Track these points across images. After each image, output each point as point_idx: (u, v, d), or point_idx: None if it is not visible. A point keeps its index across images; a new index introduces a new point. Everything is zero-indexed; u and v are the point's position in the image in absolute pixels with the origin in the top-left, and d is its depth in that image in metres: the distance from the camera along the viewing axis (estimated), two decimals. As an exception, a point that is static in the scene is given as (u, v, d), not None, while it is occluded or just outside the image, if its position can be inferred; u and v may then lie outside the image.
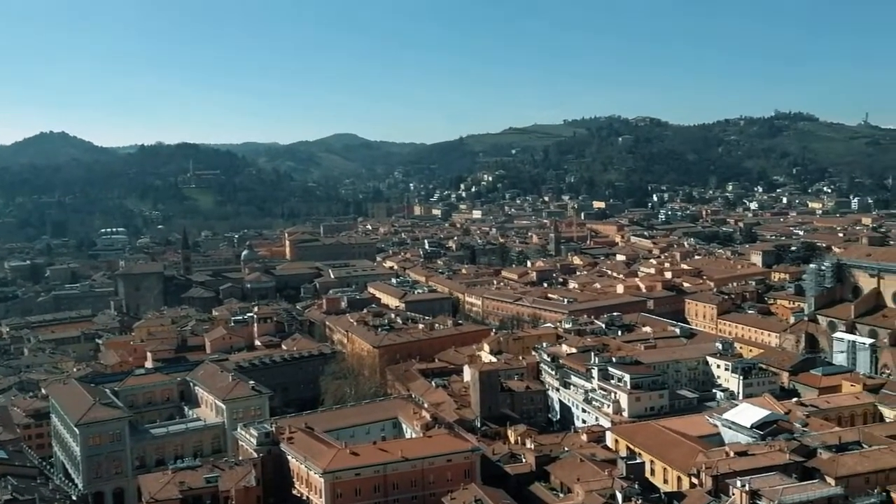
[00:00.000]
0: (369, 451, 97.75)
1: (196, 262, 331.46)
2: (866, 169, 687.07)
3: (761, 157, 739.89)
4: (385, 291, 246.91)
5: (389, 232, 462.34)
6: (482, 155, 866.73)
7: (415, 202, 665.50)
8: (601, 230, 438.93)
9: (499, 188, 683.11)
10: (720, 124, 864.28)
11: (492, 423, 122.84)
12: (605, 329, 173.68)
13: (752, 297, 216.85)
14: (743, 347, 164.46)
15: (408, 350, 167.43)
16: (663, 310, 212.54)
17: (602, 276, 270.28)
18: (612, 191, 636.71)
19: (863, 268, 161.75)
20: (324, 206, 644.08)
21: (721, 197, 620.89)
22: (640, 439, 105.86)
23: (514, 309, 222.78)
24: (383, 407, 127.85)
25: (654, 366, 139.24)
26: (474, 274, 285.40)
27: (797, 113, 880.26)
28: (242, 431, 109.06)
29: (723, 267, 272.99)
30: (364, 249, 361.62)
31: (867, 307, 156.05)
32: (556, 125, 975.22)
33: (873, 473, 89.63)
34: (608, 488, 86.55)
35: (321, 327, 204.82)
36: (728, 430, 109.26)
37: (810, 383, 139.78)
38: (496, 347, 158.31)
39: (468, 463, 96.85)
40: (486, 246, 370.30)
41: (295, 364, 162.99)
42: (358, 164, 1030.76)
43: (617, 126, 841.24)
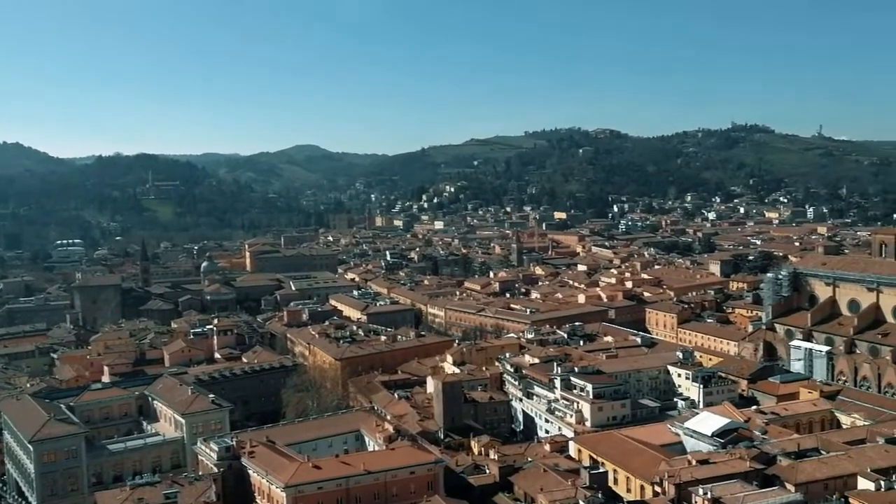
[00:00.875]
0: (332, 464, 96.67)
1: (155, 274, 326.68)
2: (821, 179, 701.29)
3: (719, 169, 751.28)
4: (347, 303, 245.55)
5: (351, 243, 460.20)
6: (444, 166, 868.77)
7: (376, 213, 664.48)
8: (562, 241, 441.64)
9: (461, 199, 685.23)
10: (679, 136, 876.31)
11: (455, 435, 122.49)
12: (567, 339, 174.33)
13: (711, 306, 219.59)
14: (703, 356, 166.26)
15: (370, 362, 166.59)
16: (624, 319, 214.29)
17: (564, 286, 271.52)
18: (573, 202, 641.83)
19: (818, 276, 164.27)
20: (285, 218, 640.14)
21: (680, 207, 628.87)
22: (602, 449, 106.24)
23: (476, 320, 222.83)
24: (346, 420, 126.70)
25: (616, 375, 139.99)
26: (437, 285, 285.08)
27: (753, 125, 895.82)
28: (202, 446, 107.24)
29: (682, 276, 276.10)
30: (325, 261, 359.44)
31: (823, 315, 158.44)
32: (517, 137, 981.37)
33: (831, 479, 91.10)
34: (571, 498, 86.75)
35: (282, 340, 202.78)
36: (689, 438, 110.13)
37: (769, 391, 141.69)
38: (459, 358, 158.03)
39: (431, 475, 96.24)
40: (449, 257, 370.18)
41: (256, 377, 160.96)
42: (319, 176, 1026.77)
43: (577, 138, 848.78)
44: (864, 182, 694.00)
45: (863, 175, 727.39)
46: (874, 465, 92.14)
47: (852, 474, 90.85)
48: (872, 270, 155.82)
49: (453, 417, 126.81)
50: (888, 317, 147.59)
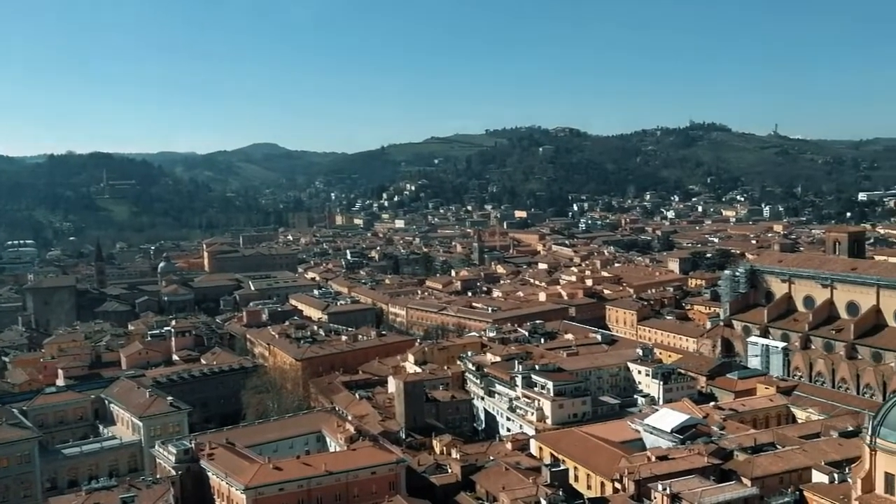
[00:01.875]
0: (293, 465, 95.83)
1: (110, 275, 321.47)
2: (776, 178, 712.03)
3: (677, 167, 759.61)
4: (307, 303, 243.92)
5: (311, 242, 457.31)
6: (404, 164, 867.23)
7: (336, 212, 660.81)
8: (523, 239, 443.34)
9: (421, 197, 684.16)
10: (638, 135, 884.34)
11: (417, 434, 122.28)
12: (528, 337, 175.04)
13: (671, 304, 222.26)
14: (662, 353, 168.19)
15: (331, 362, 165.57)
16: (585, 317, 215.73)
17: (525, 284, 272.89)
18: (533, 200, 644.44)
19: (775, 273, 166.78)
20: (243, 217, 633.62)
21: (639, 206, 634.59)
22: (563, 446, 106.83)
23: (438, 318, 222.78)
24: (307, 420, 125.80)
25: (577, 373, 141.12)
26: (398, 284, 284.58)
27: (711, 123, 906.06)
28: (160, 449, 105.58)
29: (641, 274, 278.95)
30: (285, 260, 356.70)
31: (779, 312, 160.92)
32: (478, 135, 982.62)
33: (786, 473, 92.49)
34: (533, 496, 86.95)
35: (242, 340, 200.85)
36: (649, 434, 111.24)
37: (727, 387, 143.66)
38: (421, 358, 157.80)
39: (393, 475, 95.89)
40: (410, 255, 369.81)
41: (215, 378, 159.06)
42: (278, 174, 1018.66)
43: (537, 136, 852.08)
44: (819, 181, 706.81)
45: (817, 174, 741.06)
46: (828, 459, 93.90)
47: (807, 467, 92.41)
48: (826, 267, 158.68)
49: (415, 417, 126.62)
50: (842, 313, 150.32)
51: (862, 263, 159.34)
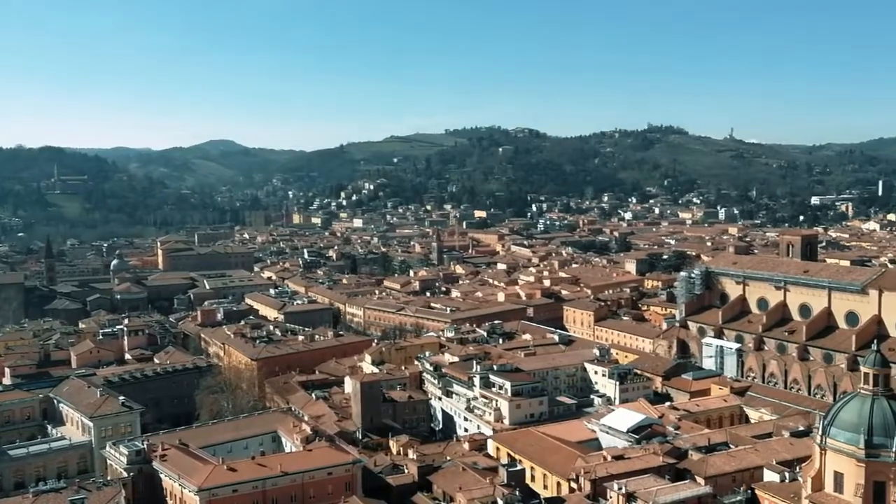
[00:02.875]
0: (247, 466, 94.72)
1: (61, 272, 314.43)
2: (732, 181, 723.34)
3: (635, 169, 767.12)
4: (263, 302, 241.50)
5: (268, 241, 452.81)
6: (363, 163, 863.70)
7: (294, 210, 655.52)
8: (482, 239, 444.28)
9: (380, 197, 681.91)
10: (596, 136, 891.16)
11: (374, 435, 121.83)
12: (486, 337, 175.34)
13: (627, 304, 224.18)
14: (619, 353, 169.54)
15: (287, 362, 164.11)
16: (543, 317, 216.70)
17: (484, 284, 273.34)
18: (492, 200, 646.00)
19: (729, 275, 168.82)
20: (199, 215, 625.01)
21: (597, 207, 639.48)
22: (520, 446, 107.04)
23: (396, 319, 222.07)
24: (262, 421, 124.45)
25: (534, 373, 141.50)
26: (355, 284, 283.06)
27: (668, 126, 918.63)
28: (111, 450, 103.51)
29: (599, 275, 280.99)
30: (241, 259, 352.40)
31: (734, 313, 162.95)
32: (437, 134, 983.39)
33: (739, 472, 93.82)
34: (489, 496, 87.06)
35: (196, 340, 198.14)
36: (605, 434, 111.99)
37: (682, 387, 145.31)
38: (378, 358, 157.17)
39: (349, 476, 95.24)
40: (368, 255, 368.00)
41: (168, 378, 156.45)
42: (235, 172, 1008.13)
43: (497, 137, 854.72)
44: (773, 184, 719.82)
45: (771, 177, 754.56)
46: (779, 458, 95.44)
47: (759, 467, 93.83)
48: (780, 270, 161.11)
49: (372, 417, 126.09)
50: (794, 315, 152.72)
51: (814, 266, 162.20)
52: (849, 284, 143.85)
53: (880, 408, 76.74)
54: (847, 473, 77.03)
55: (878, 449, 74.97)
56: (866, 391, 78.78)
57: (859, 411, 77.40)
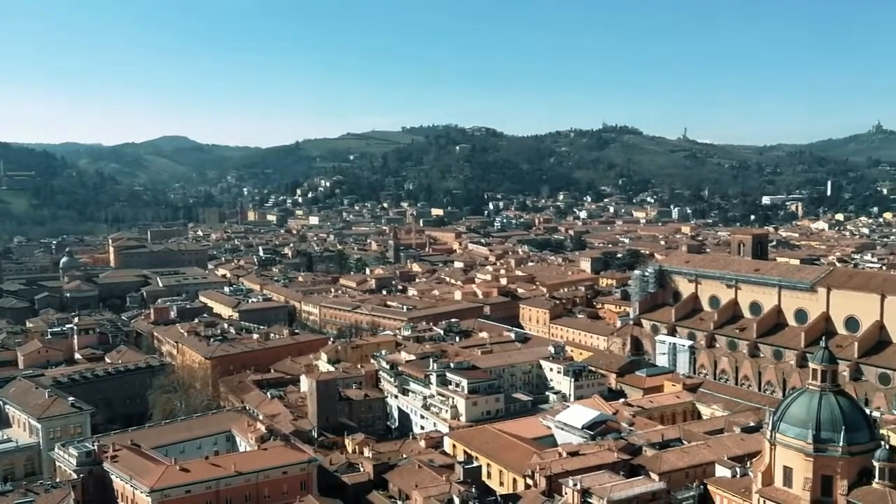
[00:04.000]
0: (201, 466, 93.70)
1: (8, 270, 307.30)
2: (685, 181, 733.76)
3: (590, 168, 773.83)
4: (217, 300, 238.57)
5: (222, 238, 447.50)
6: (319, 160, 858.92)
7: (249, 208, 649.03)
8: (439, 237, 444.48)
9: (337, 194, 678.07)
10: (552, 136, 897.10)
11: (329, 433, 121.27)
12: (443, 335, 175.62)
13: (582, 302, 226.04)
14: (574, 351, 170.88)
15: (242, 361, 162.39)
16: (499, 315, 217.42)
17: (440, 282, 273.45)
18: (449, 198, 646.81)
19: (682, 274, 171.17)
20: (151, 212, 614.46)
21: (553, 206, 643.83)
22: (476, 443, 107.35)
23: (352, 317, 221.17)
24: (216, 420, 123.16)
25: (491, 370, 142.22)
26: (311, 282, 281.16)
27: (623, 126, 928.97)
28: (60, 451, 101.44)
29: (554, 273, 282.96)
30: (195, 256, 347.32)
31: (686, 311, 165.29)
32: (394, 132, 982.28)
33: (692, 468, 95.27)
34: (446, 493, 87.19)
35: (149, 338, 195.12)
36: (561, 431, 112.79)
37: (636, 384, 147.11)
38: (334, 356, 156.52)
39: (304, 475, 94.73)
40: (324, 253, 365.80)
41: (120, 378, 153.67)
42: (189, 168, 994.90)
43: (454, 135, 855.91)
44: (725, 184, 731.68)
45: (723, 177, 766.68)
46: (731, 454, 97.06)
47: (711, 462, 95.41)
48: (731, 268, 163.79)
49: (327, 416, 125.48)
50: (745, 312, 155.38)
51: (764, 265, 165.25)
52: (798, 283, 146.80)
53: (828, 403, 78.44)
54: (796, 468, 78.60)
55: (825, 443, 76.64)
56: (815, 387, 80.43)
57: (808, 407, 79.02)
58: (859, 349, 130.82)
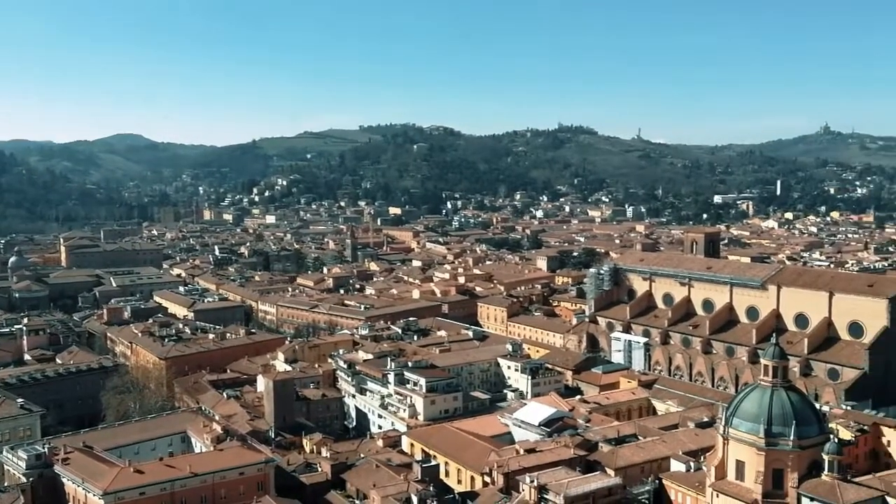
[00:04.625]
0: (155, 468, 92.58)
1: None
2: (639, 180, 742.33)
3: (546, 168, 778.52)
4: (173, 300, 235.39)
5: (177, 238, 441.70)
6: (276, 159, 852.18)
7: (204, 207, 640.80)
8: (397, 236, 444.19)
9: (294, 193, 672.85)
10: (509, 135, 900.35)
11: (287, 434, 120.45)
12: (401, 334, 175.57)
13: (539, 300, 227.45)
14: (531, 348, 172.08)
15: (197, 361, 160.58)
16: (457, 314, 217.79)
17: (398, 281, 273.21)
18: (407, 197, 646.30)
19: (637, 272, 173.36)
20: (105, 210, 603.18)
21: (510, 205, 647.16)
22: (434, 442, 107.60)
23: (309, 316, 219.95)
24: (171, 421, 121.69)
25: (449, 369, 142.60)
26: (268, 281, 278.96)
27: (578, 126, 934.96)
28: (9, 455, 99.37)
29: (512, 272, 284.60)
30: (150, 256, 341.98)
31: (641, 308, 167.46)
32: (352, 131, 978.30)
33: (647, 463, 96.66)
34: (404, 492, 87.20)
35: (102, 339, 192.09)
36: (518, 428, 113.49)
37: (592, 381, 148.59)
38: (291, 356, 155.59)
39: (262, 475, 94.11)
40: (281, 252, 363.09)
41: (72, 379, 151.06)
42: (143, 167, 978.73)
43: (412, 134, 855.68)
44: (678, 183, 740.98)
45: (677, 177, 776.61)
46: (685, 448, 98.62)
47: (666, 457, 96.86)
48: (685, 266, 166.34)
49: (284, 416, 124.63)
50: (698, 309, 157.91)
51: (717, 263, 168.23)
52: (749, 280, 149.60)
53: (779, 398, 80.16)
54: (748, 462, 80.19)
55: (777, 438, 78.32)
56: (766, 383, 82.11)
57: (759, 402, 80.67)
58: (809, 345, 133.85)
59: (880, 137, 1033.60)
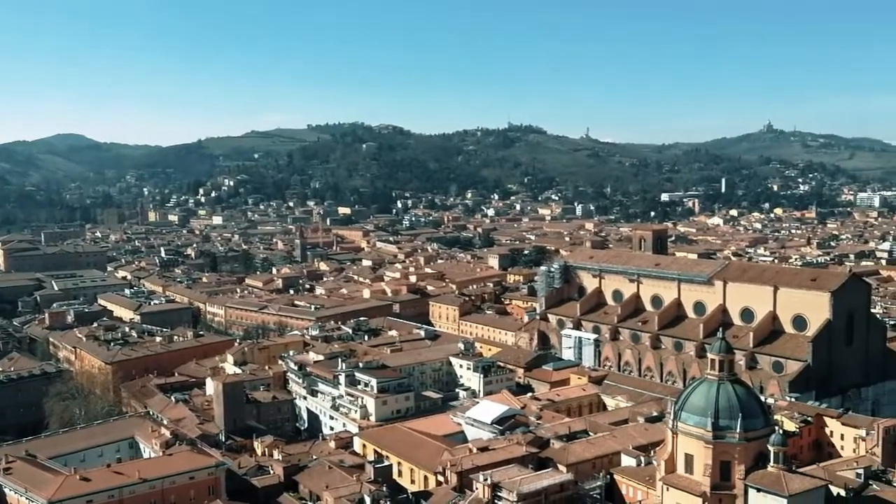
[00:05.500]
0: (102, 474, 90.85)
1: None
2: (588, 178, 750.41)
3: (497, 167, 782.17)
4: (118, 303, 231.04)
5: (122, 239, 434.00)
6: (223, 158, 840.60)
7: (149, 208, 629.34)
8: (347, 236, 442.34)
9: (241, 193, 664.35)
10: (459, 134, 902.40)
11: (237, 437, 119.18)
12: (352, 334, 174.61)
13: (491, 299, 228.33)
14: (483, 347, 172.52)
15: (145, 365, 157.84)
16: (409, 313, 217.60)
17: (349, 281, 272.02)
18: (357, 197, 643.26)
19: (586, 269, 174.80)
20: (45, 212, 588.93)
21: (461, 204, 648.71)
22: (386, 442, 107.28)
23: (259, 318, 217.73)
24: (118, 427, 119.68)
25: (401, 369, 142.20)
26: (216, 282, 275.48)
27: (528, 125, 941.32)
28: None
29: (463, 270, 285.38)
30: (94, 258, 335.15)
31: (591, 305, 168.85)
32: (300, 130, 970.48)
33: (598, 458, 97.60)
34: (357, 493, 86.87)
35: (44, 344, 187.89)
36: (471, 427, 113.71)
37: (543, 378, 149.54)
38: (241, 358, 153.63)
39: (212, 479, 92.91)
40: (229, 253, 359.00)
41: (13, 386, 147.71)
42: (85, 167, 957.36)
43: (361, 133, 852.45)
44: (626, 182, 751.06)
45: (625, 175, 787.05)
46: (635, 443, 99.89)
47: (617, 452, 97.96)
48: (633, 263, 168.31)
49: (235, 419, 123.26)
50: (647, 306, 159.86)
51: (664, 259, 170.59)
52: (696, 276, 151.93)
53: (725, 392, 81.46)
54: (696, 455, 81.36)
55: (724, 431, 79.57)
56: (713, 376, 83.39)
57: (707, 396, 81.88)
58: (754, 339, 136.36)
59: (821, 135, 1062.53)
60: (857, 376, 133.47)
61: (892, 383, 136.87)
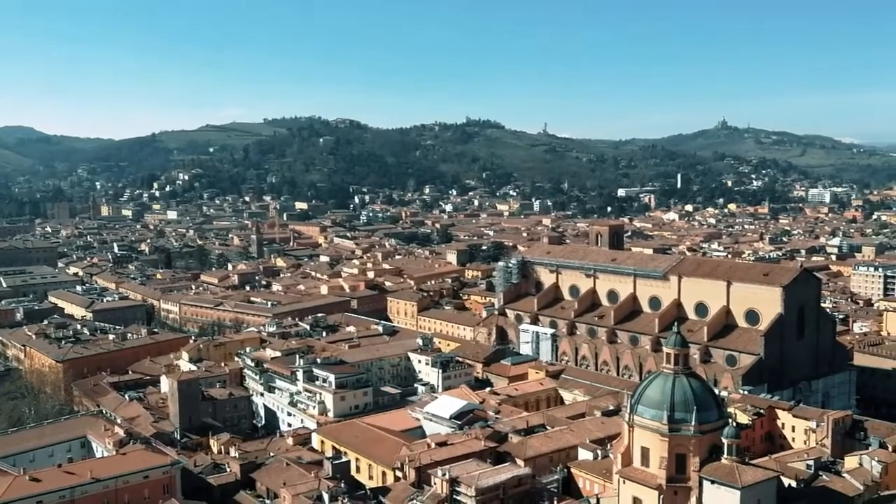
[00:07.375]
0: (53, 475, 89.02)
1: None
2: (546, 174, 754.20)
3: (455, 162, 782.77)
4: (69, 300, 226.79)
5: (73, 235, 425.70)
6: (177, 152, 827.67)
7: (102, 202, 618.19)
8: (304, 231, 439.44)
9: (196, 188, 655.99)
10: (417, 129, 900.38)
11: (193, 435, 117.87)
12: (309, 331, 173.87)
13: (449, 294, 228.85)
14: (441, 342, 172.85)
15: (97, 363, 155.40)
16: (367, 309, 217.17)
17: (306, 277, 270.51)
18: (314, 192, 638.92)
19: (544, 264, 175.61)
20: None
21: (419, 199, 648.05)
22: (345, 438, 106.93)
23: (214, 314, 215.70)
24: (69, 426, 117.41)
25: (359, 364, 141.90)
26: (170, 279, 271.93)
27: (486, 120, 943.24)
28: None
29: (422, 266, 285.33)
30: (43, 254, 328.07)
31: (548, 300, 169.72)
32: (256, 124, 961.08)
33: (555, 452, 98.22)
34: (315, 490, 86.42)
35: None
36: (429, 422, 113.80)
37: (501, 373, 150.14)
38: (196, 355, 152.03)
39: (167, 478, 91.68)
40: (183, 249, 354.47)
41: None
42: (35, 161, 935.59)
43: (317, 127, 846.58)
44: (583, 177, 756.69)
45: (582, 171, 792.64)
46: (592, 437, 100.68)
47: (574, 446, 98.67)
48: (590, 258, 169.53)
49: (190, 417, 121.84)
50: (603, 300, 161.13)
51: (621, 255, 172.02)
52: (651, 271, 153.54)
53: (681, 385, 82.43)
54: (652, 448, 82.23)
55: (679, 423, 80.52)
56: (668, 370, 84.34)
57: (662, 389, 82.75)
58: (708, 333, 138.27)
59: (774, 132, 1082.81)
60: (808, 369, 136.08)
61: (842, 376, 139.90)
